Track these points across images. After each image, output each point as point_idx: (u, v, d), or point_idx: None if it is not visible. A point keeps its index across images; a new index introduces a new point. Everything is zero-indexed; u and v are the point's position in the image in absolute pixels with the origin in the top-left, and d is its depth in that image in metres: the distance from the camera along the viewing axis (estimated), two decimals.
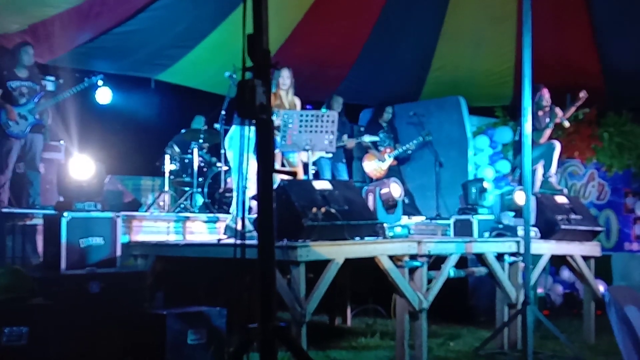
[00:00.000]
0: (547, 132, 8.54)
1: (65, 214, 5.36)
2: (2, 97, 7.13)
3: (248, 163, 6.03)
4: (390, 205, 6.25)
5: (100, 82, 7.78)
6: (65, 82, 8.32)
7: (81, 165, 5.76)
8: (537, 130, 8.19)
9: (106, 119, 9.42)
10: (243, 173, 5.83)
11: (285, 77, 7.38)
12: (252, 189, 6.02)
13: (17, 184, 7.30)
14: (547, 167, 8.48)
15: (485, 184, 7.31)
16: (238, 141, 6.90)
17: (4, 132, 7.13)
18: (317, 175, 8.86)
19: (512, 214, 6.78)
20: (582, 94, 8.45)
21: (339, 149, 9.13)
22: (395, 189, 6.35)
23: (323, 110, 8.76)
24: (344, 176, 9.35)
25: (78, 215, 5.44)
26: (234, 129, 6.91)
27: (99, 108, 8.68)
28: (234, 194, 6.95)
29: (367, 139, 9.33)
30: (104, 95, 8.24)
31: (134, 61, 9.15)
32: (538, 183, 8.47)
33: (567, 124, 8.61)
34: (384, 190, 6.30)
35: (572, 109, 8.61)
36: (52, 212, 5.64)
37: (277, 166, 6.56)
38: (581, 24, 8.77)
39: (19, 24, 7.69)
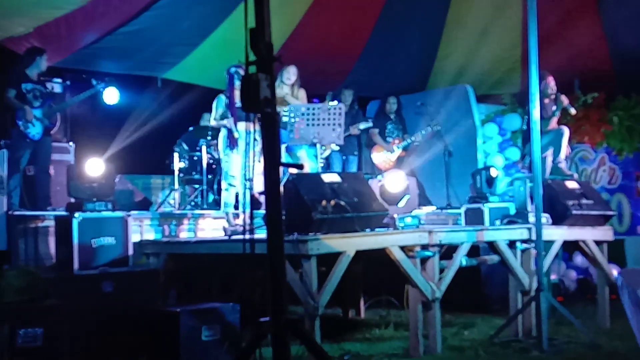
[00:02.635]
0: (554, 120, 8.49)
1: (76, 214, 5.38)
2: (16, 99, 7.16)
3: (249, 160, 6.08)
4: (388, 198, 6.15)
5: (101, 89, 7.82)
6: (72, 83, 8.36)
7: (91, 166, 5.79)
8: (543, 118, 8.14)
9: (114, 119, 9.45)
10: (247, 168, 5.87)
11: (290, 73, 7.47)
12: (258, 184, 6.04)
13: (28, 186, 7.33)
14: (556, 153, 8.44)
15: (495, 172, 7.28)
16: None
17: (21, 133, 7.16)
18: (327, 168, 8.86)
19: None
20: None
21: (347, 137, 9.13)
22: (391, 183, 6.26)
23: (328, 99, 8.79)
24: (354, 169, 9.34)
25: (89, 216, 5.46)
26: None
27: (106, 108, 8.70)
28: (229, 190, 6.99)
29: (362, 126, 9.23)
30: (111, 95, 8.26)
31: (140, 60, 9.17)
32: (548, 170, 8.43)
33: (573, 111, 8.56)
34: (379, 184, 6.25)
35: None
36: (64, 213, 5.67)
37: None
38: (588, 6, 8.71)
39: (25, 27, 7.72)
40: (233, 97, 6.92)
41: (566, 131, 8.44)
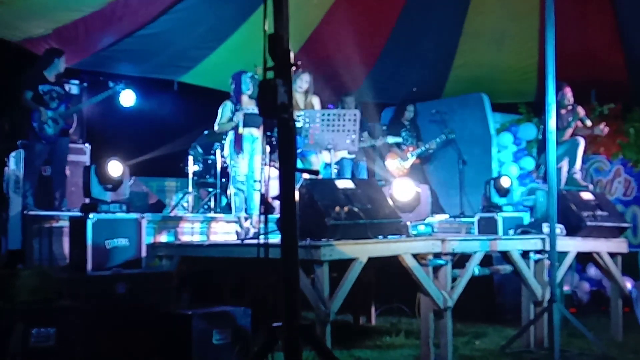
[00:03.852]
0: (569, 131, 8.46)
1: (90, 215, 5.42)
2: (33, 100, 7.22)
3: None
4: (396, 205, 6.09)
5: (118, 91, 7.85)
6: (89, 85, 8.41)
7: (111, 168, 5.83)
8: (559, 129, 8.12)
9: (130, 121, 9.49)
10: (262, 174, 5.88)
11: (303, 81, 7.50)
12: (272, 189, 6.06)
13: (44, 187, 7.39)
14: (571, 164, 8.40)
15: (507, 181, 7.24)
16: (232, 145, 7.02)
17: (36, 135, 7.21)
18: (338, 175, 8.86)
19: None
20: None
21: (363, 148, 9.13)
22: (399, 190, 6.20)
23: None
24: (364, 175, 9.34)
25: (103, 217, 5.50)
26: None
27: (122, 111, 8.75)
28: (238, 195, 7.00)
29: (391, 140, 9.28)
30: (127, 98, 8.32)
31: (157, 64, 9.22)
32: (563, 180, 8.40)
33: (589, 122, 8.52)
34: (388, 192, 6.20)
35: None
36: (78, 214, 5.70)
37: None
38: (605, 17, 8.68)
39: (44, 29, 7.78)
40: (240, 102, 7.01)
41: (582, 141, 8.40)
